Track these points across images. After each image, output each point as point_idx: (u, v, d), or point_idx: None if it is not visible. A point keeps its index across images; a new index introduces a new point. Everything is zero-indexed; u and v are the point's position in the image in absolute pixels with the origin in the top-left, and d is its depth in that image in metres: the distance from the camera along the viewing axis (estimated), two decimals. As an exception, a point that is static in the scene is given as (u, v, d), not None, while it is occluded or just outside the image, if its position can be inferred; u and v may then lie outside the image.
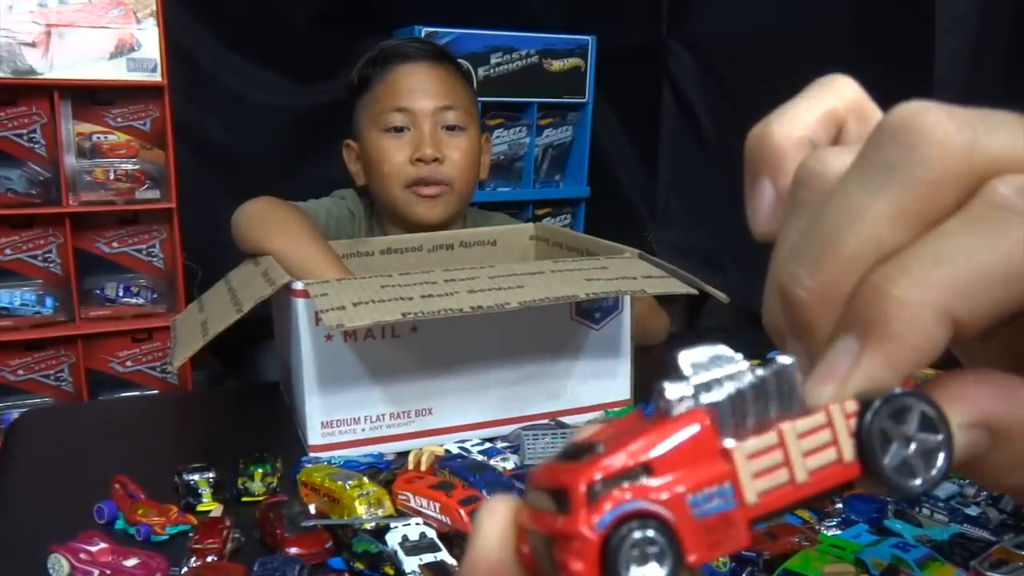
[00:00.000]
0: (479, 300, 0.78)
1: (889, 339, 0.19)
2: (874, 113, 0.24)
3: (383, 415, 0.88)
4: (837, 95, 0.24)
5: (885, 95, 0.24)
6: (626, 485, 0.19)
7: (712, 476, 0.19)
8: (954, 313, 0.19)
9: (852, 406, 0.20)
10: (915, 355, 0.19)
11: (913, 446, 0.20)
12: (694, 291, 0.88)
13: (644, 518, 0.18)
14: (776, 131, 0.24)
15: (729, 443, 0.19)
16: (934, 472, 0.20)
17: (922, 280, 0.19)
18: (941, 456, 0.20)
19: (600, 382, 0.97)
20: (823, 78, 0.25)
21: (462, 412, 0.91)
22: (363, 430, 0.88)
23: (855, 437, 0.20)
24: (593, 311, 0.95)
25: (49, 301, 1.84)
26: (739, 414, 0.19)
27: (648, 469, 0.19)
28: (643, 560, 0.18)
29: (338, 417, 0.87)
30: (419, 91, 1.25)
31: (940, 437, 0.20)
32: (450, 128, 1.26)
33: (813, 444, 0.20)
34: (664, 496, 0.19)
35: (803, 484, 0.19)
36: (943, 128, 0.19)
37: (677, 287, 0.87)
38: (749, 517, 0.19)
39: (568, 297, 0.81)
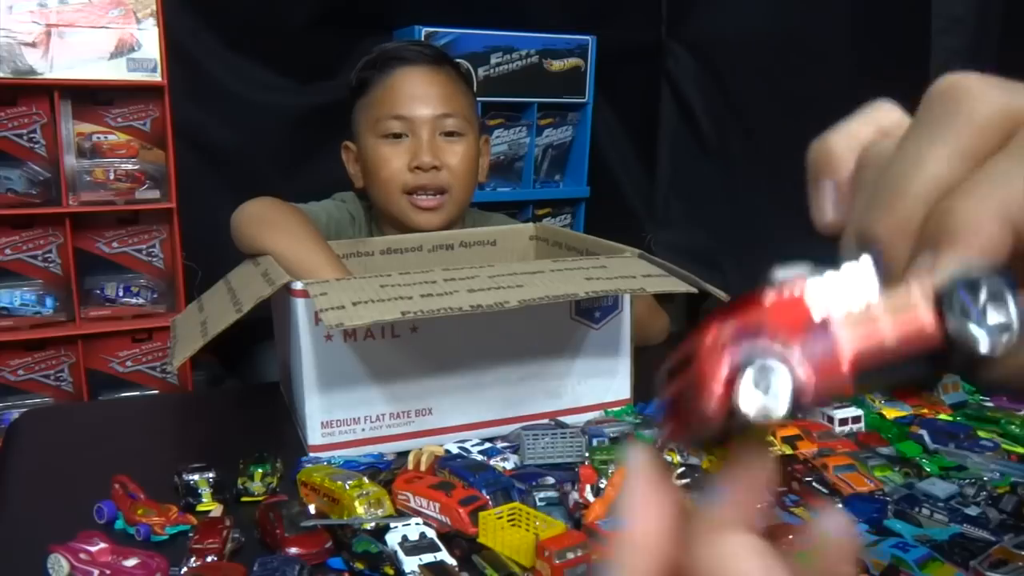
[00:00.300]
0: (479, 299, 0.78)
1: (961, 244, 0.22)
2: None
3: (383, 415, 0.88)
4: (885, 115, 0.28)
5: (883, 95, 0.25)
6: (746, 338, 0.22)
7: (815, 330, 0.23)
8: (1014, 221, 0.22)
9: (931, 282, 0.23)
10: (986, 258, 0.22)
11: (989, 312, 0.22)
12: (694, 290, 0.88)
13: (764, 360, 0.22)
14: (834, 141, 0.28)
15: (828, 307, 0.23)
16: (1007, 334, 0.22)
17: (984, 196, 0.23)
18: (1015, 322, 0.22)
19: (600, 381, 0.97)
20: (872, 103, 0.28)
21: (462, 412, 0.91)
22: (363, 430, 0.88)
23: (935, 306, 0.22)
24: (593, 310, 0.95)
25: (49, 301, 1.84)
26: (835, 290, 0.23)
27: (762, 327, 0.23)
28: (767, 392, 0.22)
29: (338, 417, 0.87)
30: (418, 98, 1.25)
31: (1012, 308, 0.22)
32: (449, 134, 1.26)
33: (897, 309, 0.23)
34: (778, 345, 0.22)
35: (891, 342, 0.22)
36: (981, 87, 0.24)
37: (677, 286, 0.87)
38: (850, 363, 0.22)
39: (568, 296, 0.81)
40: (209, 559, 0.64)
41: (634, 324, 0.98)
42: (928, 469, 0.80)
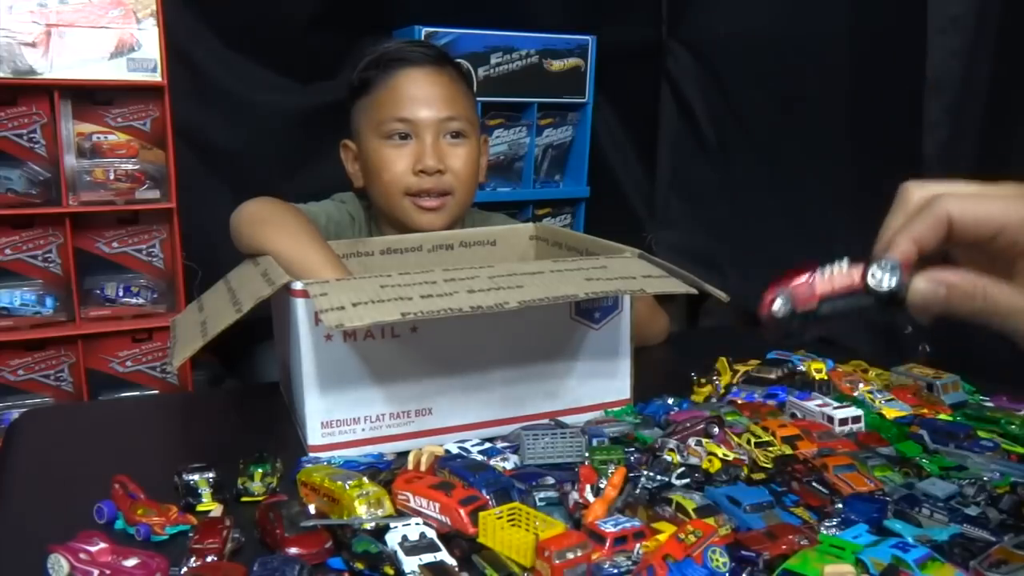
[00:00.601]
0: (479, 300, 0.78)
1: (889, 252, 0.52)
2: None
3: (383, 415, 0.88)
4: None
5: (881, 95, 0.24)
6: (779, 286, 0.55)
7: (807, 282, 0.54)
8: (918, 241, 0.51)
9: (864, 267, 0.53)
10: (904, 256, 0.51)
11: (887, 276, 0.52)
12: (694, 291, 0.88)
13: (782, 294, 0.54)
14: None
15: (815, 275, 0.54)
16: (890, 287, 0.51)
17: (904, 231, 0.52)
18: (895, 281, 0.51)
19: (600, 382, 0.97)
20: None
21: (462, 412, 0.91)
22: (363, 430, 0.88)
23: (863, 274, 0.52)
24: (593, 311, 0.95)
25: (49, 301, 1.84)
26: (823, 270, 0.54)
27: (786, 282, 0.55)
28: (785, 304, 0.54)
29: (338, 417, 0.87)
30: (421, 100, 1.24)
31: (898, 275, 0.51)
32: (452, 136, 1.26)
33: (845, 278, 0.53)
34: (791, 285, 0.54)
35: (838, 286, 0.53)
36: (913, 187, 0.54)
37: (677, 286, 0.87)
38: (817, 295, 0.53)
39: (567, 297, 0.81)
40: (209, 559, 0.64)
41: (634, 324, 0.98)
42: (928, 469, 0.80)
